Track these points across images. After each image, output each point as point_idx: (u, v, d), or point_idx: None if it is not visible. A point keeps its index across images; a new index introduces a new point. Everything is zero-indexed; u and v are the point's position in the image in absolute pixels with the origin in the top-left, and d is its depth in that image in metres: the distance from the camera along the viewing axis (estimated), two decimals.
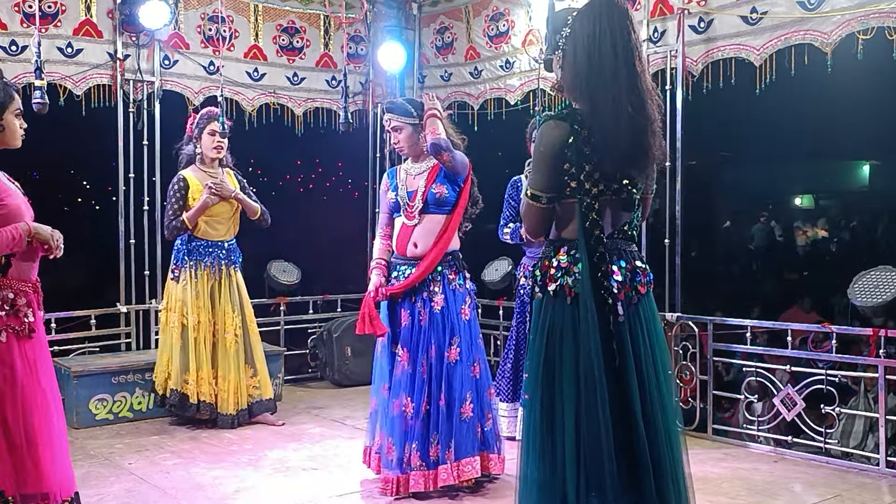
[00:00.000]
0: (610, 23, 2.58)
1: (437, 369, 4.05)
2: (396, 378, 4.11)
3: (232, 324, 5.32)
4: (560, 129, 2.61)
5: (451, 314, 4.10)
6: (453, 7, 6.83)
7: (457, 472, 4.00)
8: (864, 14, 4.47)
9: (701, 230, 11.24)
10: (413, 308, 4.13)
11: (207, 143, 5.27)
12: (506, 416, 5.09)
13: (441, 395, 4.03)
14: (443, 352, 4.07)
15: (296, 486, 4.28)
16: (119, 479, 4.37)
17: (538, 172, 2.66)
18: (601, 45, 2.57)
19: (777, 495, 4.18)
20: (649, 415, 2.62)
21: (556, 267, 2.68)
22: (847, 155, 15.24)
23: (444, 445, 4.00)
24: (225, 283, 5.33)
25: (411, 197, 4.16)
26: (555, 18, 2.74)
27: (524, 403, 2.83)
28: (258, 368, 5.41)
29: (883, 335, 4.51)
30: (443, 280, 4.12)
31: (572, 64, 2.63)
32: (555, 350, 2.65)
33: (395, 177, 4.29)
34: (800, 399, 4.83)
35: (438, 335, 4.08)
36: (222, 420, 5.25)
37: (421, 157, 4.24)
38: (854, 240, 13.48)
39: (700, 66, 5.19)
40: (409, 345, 4.11)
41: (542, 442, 2.66)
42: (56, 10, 5.68)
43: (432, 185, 4.13)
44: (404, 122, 4.19)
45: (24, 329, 3.06)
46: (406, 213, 4.16)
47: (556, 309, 2.67)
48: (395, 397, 4.10)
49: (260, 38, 6.58)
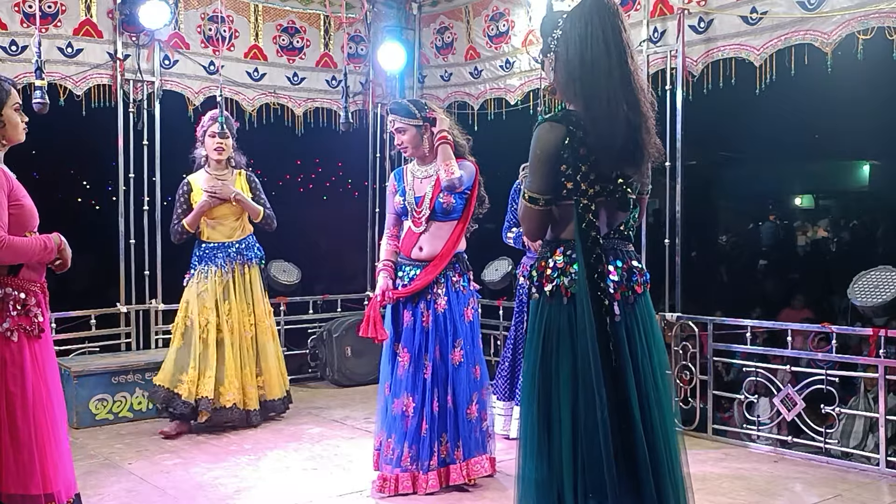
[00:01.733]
0: (602, 22, 2.56)
1: (442, 371, 4.09)
2: (398, 378, 4.13)
3: (248, 323, 5.33)
4: (556, 131, 2.61)
5: (454, 316, 4.13)
6: (453, 7, 6.83)
7: (466, 470, 4.08)
8: (864, 14, 4.47)
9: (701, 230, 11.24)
10: (416, 310, 4.15)
11: (209, 145, 5.28)
12: (502, 415, 5.10)
13: (448, 396, 4.07)
14: (447, 353, 4.10)
15: (296, 486, 4.28)
16: (119, 479, 4.37)
17: (535, 175, 2.65)
18: (593, 45, 2.56)
19: (777, 495, 4.18)
20: (647, 415, 2.61)
21: (553, 267, 2.67)
22: (847, 155, 15.22)
23: (452, 445, 4.07)
24: (239, 281, 5.33)
25: (418, 203, 4.17)
26: (546, 21, 2.73)
27: (521, 403, 2.84)
28: (262, 368, 5.40)
29: (883, 335, 4.52)
30: (447, 282, 4.15)
31: (565, 65, 2.62)
32: (551, 350, 2.65)
33: (402, 179, 4.28)
34: (800, 399, 4.83)
35: (442, 337, 4.11)
36: (241, 417, 5.25)
37: (426, 158, 4.24)
38: (854, 240, 13.47)
39: (700, 66, 5.19)
40: (410, 345, 4.13)
41: (540, 442, 2.66)
42: (56, 10, 5.69)
43: (440, 195, 4.13)
44: (408, 124, 4.19)
45: (35, 329, 3.07)
46: (413, 219, 4.18)
47: (552, 309, 2.67)
48: (395, 397, 4.11)
49: (260, 38, 6.58)
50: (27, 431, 3.00)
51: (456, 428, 4.07)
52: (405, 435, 4.06)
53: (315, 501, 4.07)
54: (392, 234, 4.30)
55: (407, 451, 4.05)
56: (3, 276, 3.03)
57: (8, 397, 3.00)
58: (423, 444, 4.05)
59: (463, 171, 4.13)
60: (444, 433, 4.07)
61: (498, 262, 6.30)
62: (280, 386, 5.47)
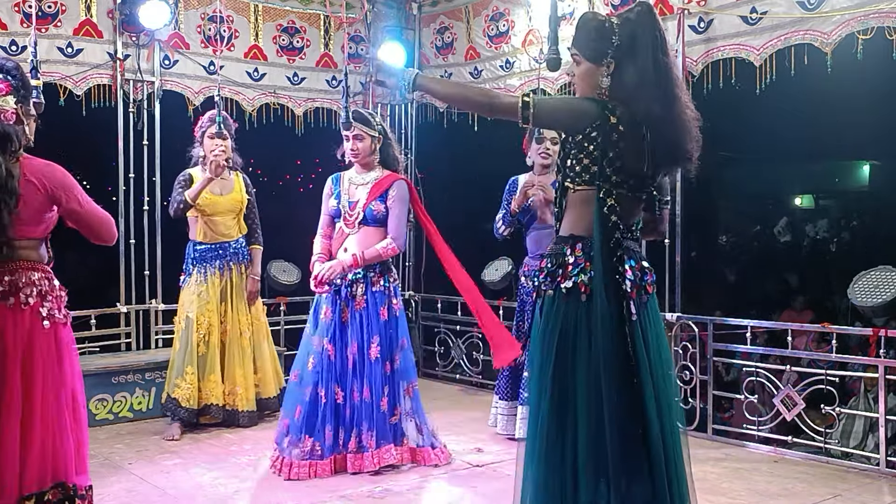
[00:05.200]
0: (659, 31, 2.70)
1: (360, 365, 4.37)
2: (314, 368, 4.39)
3: (246, 323, 5.33)
4: (592, 105, 2.67)
5: (370, 314, 4.40)
6: (453, 7, 6.83)
7: (378, 458, 4.34)
8: (864, 14, 4.47)
9: (701, 230, 11.23)
10: (336, 305, 4.42)
11: (207, 146, 5.27)
12: (504, 415, 5.10)
13: (364, 388, 4.35)
14: (364, 349, 4.38)
15: (296, 486, 4.28)
16: (119, 479, 4.37)
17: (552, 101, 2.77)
18: (660, 54, 2.68)
19: (777, 495, 4.18)
20: (663, 414, 2.65)
21: (573, 264, 2.67)
22: (847, 155, 15.19)
23: (367, 434, 4.33)
24: (237, 282, 5.33)
25: (352, 206, 4.47)
26: (592, 28, 2.75)
27: (528, 402, 2.83)
28: (258, 366, 5.41)
29: (883, 335, 4.52)
30: (366, 282, 4.43)
31: (637, 72, 2.67)
32: (567, 349, 2.65)
33: (339, 184, 4.57)
34: (800, 399, 4.84)
35: (360, 333, 4.38)
36: (241, 418, 5.27)
37: (368, 167, 4.53)
38: (854, 240, 13.46)
39: (700, 66, 5.19)
40: (331, 338, 4.39)
41: (550, 441, 2.65)
42: (56, 10, 5.69)
43: (372, 203, 4.43)
44: (366, 133, 4.45)
45: (68, 317, 3.18)
46: (346, 221, 4.47)
47: (569, 307, 2.66)
48: (309, 385, 4.36)
49: (260, 38, 6.58)
50: (48, 418, 3.05)
51: (371, 418, 4.33)
52: (319, 422, 4.31)
53: (315, 501, 4.07)
54: (325, 234, 4.59)
55: (318, 438, 4.31)
56: (36, 262, 3.11)
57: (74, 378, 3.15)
58: (345, 430, 4.34)
59: (395, 192, 4.42)
60: (362, 422, 4.33)
61: (498, 263, 6.30)
62: (275, 384, 5.49)
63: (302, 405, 4.37)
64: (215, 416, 5.24)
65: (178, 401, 5.13)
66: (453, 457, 4.66)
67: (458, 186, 10.47)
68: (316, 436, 4.33)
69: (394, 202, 4.44)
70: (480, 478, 4.41)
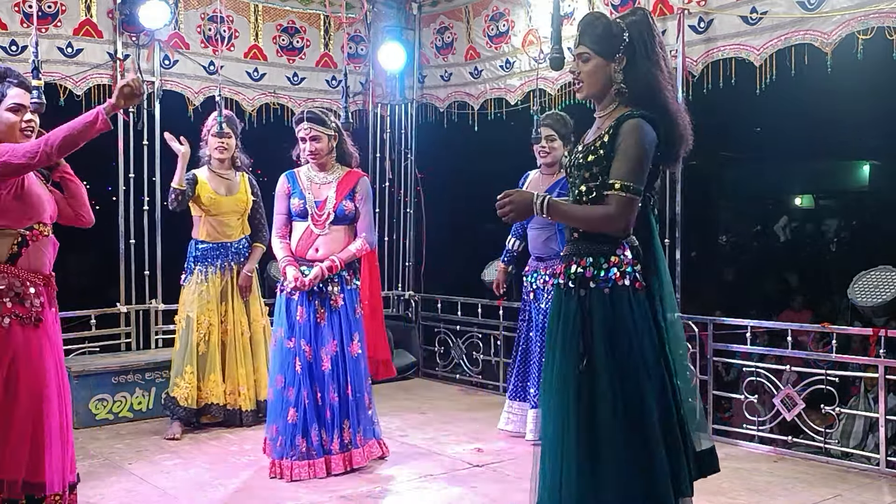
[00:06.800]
0: (658, 34, 2.81)
1: (342, 362, 4.39)
2: (294, 371, 4.35)
3: (245, 323, 5.34)
4: (653, 131, 2.75)
5: (348, 312, 4.43)
6: (453, 7, 6.83)
7: (367, 453, 4.46)
8: (864, 14, 4.47)
9: (701, 230, 11.24)
10: (311, 306, 4.39)
11: (212, 144, 5.28)
12: (513, 414, 5.09)
13: (348, 385, 4.37)
14: (346, 346, 4.39)
15: (296, 486, 4.28)
16: (119, 479, 4.37)
17: (641, 168, 2.72)
18: (663, 53, 2.80)
19: (777, 495, 4.18)
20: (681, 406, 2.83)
21: (629, 262, 2.76)
22: (847, 155, 15.20)
23: (354, 431, 4.39)
24: (237, 282, 5.33)
25: (319, 206, 4.42)
26: (599, 25, 2.81)
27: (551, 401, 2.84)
28: (256, 367, 5.39)
29: (883, 335, 4.52)
30: (341, 281, 4.43)
31: (646, 71, 2.76)
32: (631, 345, 2.70)
33: (296, 182, 4.49)
34: (800, 399, 4.84)
35: (340, 332, 4.39)
36: (244, 418, 5.27)
37: (326, 166, 4.49)
38: (854, 240, 13.46)
39: (700, 66, 5.19)
40: (307, 339, 4.36)
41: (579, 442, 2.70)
42: (56, 10, 5.69)
43: (343, 201, 4.41)
44: (322, 132, 4.41)
45: (31, 318, 3.10)
46: (314, 221, 4.42)
47: (623, 304, 2.73)
48: (294, 387, 4.34)
49: (260, 38, 6.58)
50: (22, 418, 3.04)
51: (357, 415, 4.39)
52: (308, 423, 4.30)
53: (315, 501, 4.07)
54: (283, 234, 4.52)
55: (309, 439, 4.30)
56: (1, 264, 3.07)
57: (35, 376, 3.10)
58: (327, 431, 4.34)
59: (361, 189, 4.45)
60: (346, 420, 4.36)
61: (498, 263, 6.28)
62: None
63: (291, 407, 4.34)
64: (216, 415, 5.24)
65: (177, 400, 5.13)
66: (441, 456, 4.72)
67: (458, 186, 10.47)
68: (308, 437, 4.32)
69: (362, 201, 4.47)
70: (480, 478, 4.41)
